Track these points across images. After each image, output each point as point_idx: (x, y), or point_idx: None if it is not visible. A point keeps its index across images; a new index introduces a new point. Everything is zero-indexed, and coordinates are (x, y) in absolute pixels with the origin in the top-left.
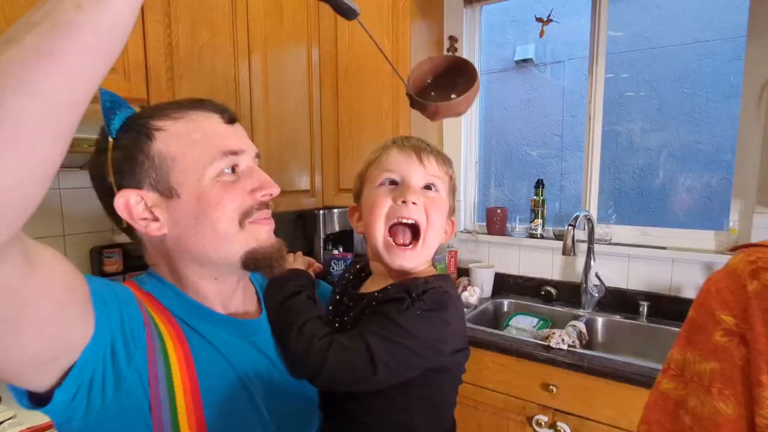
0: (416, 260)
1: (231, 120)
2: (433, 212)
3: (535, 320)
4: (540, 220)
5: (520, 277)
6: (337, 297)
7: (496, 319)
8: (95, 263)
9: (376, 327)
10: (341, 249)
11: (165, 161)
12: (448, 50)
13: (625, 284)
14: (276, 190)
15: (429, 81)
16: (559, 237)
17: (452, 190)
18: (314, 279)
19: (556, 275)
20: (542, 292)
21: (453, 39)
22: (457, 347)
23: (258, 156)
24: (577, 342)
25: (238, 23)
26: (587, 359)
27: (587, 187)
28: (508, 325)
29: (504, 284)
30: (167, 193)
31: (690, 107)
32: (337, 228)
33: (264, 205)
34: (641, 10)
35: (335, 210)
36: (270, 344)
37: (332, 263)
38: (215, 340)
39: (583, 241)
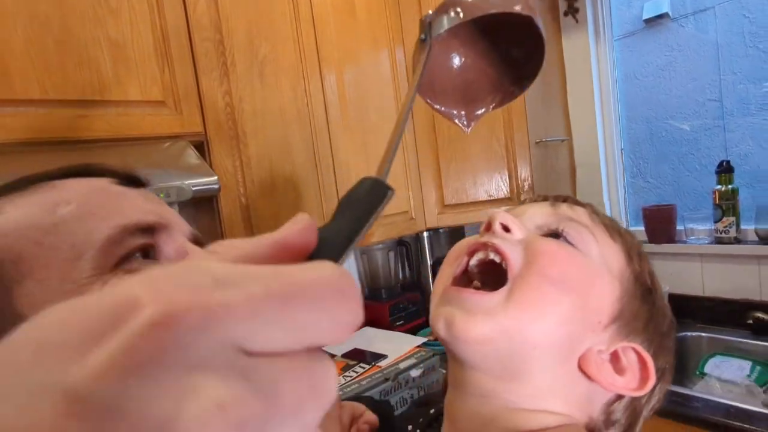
0: (486, 324)
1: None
2: (543, 259)
3: (747, 365)
4: (732, 218)
5: (708, 300)
6: None
7: (681, 363)
8: None
9: None
10: None
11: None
12: (565, 13)
13: None
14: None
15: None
16: (766, 239)
17: (640, 290)
18: None
19: None
20: (749, 321)
21: None
22: None
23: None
24: None
25: (302, 27)
26: None
27: None
28: (703, 373)
29: (683, 311)
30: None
31: None
32: (446, 251)
33: None
34: None
35: (441, 230)
36: None
37: None
38: None
39: None
